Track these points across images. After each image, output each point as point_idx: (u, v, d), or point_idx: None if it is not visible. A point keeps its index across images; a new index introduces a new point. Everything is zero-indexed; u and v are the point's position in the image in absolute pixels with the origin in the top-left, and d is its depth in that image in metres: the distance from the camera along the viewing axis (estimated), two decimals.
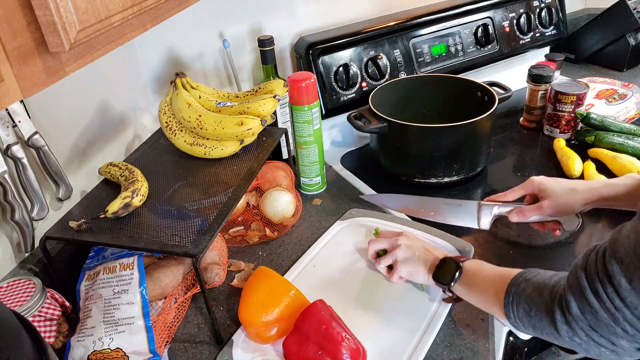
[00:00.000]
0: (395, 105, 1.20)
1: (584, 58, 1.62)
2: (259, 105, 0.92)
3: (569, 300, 0.56)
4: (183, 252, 0.71)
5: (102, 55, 0.44)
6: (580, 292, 0.55)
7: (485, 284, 0.71)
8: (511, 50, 1.41)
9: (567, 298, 0.56)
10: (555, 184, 0.83)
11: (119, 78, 1.01)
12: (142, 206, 0.80)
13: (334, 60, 1.17)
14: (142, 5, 0.47)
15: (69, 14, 0.37)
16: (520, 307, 0.63)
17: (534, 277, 0.64)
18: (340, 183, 1.14)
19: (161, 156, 0.96)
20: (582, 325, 0.55)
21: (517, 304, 0.63)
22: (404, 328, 0.76)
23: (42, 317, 0.69)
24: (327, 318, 0.70)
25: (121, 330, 0.70)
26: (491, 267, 0.73)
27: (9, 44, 0.34)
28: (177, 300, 0.81)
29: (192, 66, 1.11)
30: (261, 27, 1.16)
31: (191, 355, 0.76)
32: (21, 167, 0.75)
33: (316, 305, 0.72)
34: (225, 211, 0.79)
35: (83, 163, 0.92)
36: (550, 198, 0.82)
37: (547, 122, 1.24)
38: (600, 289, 0.53)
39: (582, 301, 0.54)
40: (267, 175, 1.03)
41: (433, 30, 1.29)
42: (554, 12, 1.45)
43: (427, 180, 1.09)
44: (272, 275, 0.79)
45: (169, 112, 0.95)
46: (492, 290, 0.68)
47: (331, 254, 0.92)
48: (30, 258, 0.80)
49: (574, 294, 0.55)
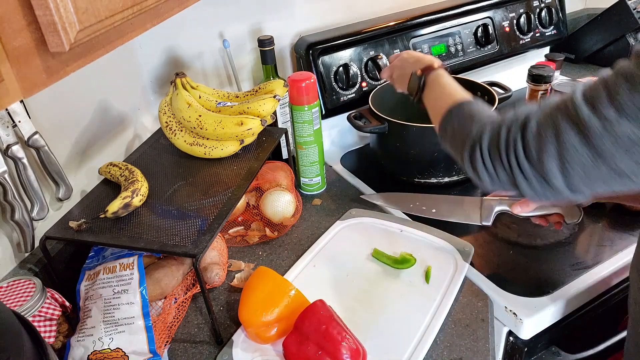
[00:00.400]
0: (395, 105, 1.20)
1: (584, 58, 1.61)
2: (259, 105, 0.92)
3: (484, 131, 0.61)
4: (183, 252, 0.71)
5: (102, 55, 0.44)
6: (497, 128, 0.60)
7: (438, 98, 0.77)
8: (511, 50, 1.41)
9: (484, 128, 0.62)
10: None
11: (119, 78, 1.01)
12: (142, 206, 0.80)
13: (334, 60, 1.17)
14: (142, 5, 0.47)
15: (69, 14, 0.37)
16: (449, 124, 0.70)
17: (476, 106, 0.69)
18: (340, 183, 1.14)
19: (161, 156, 0.96)
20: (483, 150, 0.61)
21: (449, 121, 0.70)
22: (404, 328, 0.75)
23: (42, 317, 0.69)
24: (327, 318, 0.70)
25: (121, 330, 0.70)
26: (447, 82, 0.78)
27: (9, 44, 0.34)
28: (177, 300, 0.81)
29: (192, 66, 1.11)
30: (261, 27, 1.16)
31: (191, 355, 0.76)
32: (21, 167, 0.75)
33: (316, 305, 0.72)
34: (225, 211, 0.79)
35: (83, 163, 0.92)
36: None
37: None
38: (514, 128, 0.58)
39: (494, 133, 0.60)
40: (267, 175, 1.03)
41: (433, 30, 1.29)
42: (554, 12, 1.45)
43: (427, 180, 1.09)
44: (272, 275, 0.79)
45: (169, 112, 0.95)
46: (440, 105, 0.74)
47: (331, 254, 0.92)
48: (30, 258, 0.80)
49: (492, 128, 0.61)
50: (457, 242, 0.90)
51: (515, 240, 0.94)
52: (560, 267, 0.87)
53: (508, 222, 0.96)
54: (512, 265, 0.89)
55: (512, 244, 0.93)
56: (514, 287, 0.82)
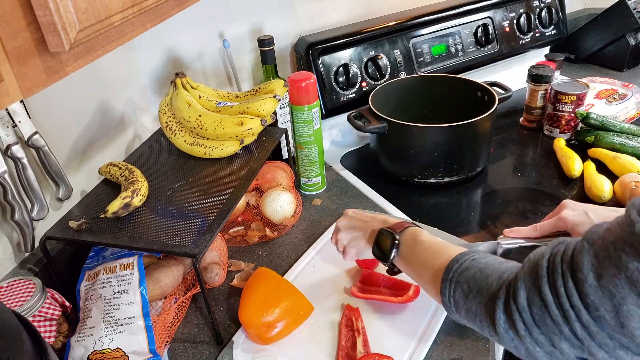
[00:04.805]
0: (395, 105, 1.20)
1: (584, 58, 1.62)
2: (259, 105, 0.92)
3: (518, 287, 0.48)
4: (183, 252, 0.71)
5: (102, 55, 0.44)
6: (534, 280, 0.47)
7: (423, 258, 0.63)
8: (511, 50, 1.41)
9: (516, 285, 0.49)
10: (590, 221, 0.70)
11: (119, 78, 1.01)
12: (142, 206, 0.80)
13: (334, 60, 1.17)
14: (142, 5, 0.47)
15: (69, 14, 0.37)
16: (459, 286, 0.56)
17: (483, 258, 0.57)
18: (340, 183, 1.14)
19: (161, 156, 0.96)
20: (525, 317, 0.48)
21: (456, 283, 0.56)
22: (404, 328, 0.75)
23: (42, 317, 0.69)
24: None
25: (121, 330, 0.70)
26: (431, 239, 0.66)
27: (9, 44, 0.34)
28: (177, 300, 0.81)
29: (192, 66, 1.11)
30: (261, 27, 1.16)
31: (191, 355, 0.76)
32: (21, 167, 0.75)
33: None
34: (225, 211, 0.79)
35: (83, 163, 0.92)
36: None
37: (547, 122, 1.24)
38: (560, 280, 0.45)
39: (533, 290, 0.47)
40: (267, 175, 1.03)
41: (433, 30, 1.29)
42: (554, 12, 1.45)
43: (427, 180, 1.09)
44: (272, 276, 0.79)
45: (169, 112, 0.95)
46: (431, 265, 0.61)
47: (331, 254, 0.92)
48: (30, 258, 0.80)
49: (526, 281, 0.48)
50: (457, 242, 0.90)
51: None
52: None
53: (508, 222, 0.96)
54: None
55: None
56: None
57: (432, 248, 0.64)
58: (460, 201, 1.06)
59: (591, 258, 0.44)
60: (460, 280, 0.56)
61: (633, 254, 0.41)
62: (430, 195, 1.09)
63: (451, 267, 0.58)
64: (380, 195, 1.08)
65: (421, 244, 0.66)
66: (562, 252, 0.48)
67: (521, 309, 0.48)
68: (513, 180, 1.09)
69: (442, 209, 1.04)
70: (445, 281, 0.58)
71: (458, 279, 0.56)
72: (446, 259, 0.59)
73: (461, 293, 0.55)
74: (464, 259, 0.58)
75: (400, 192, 1.09)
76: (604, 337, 0.43)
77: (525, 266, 0.50)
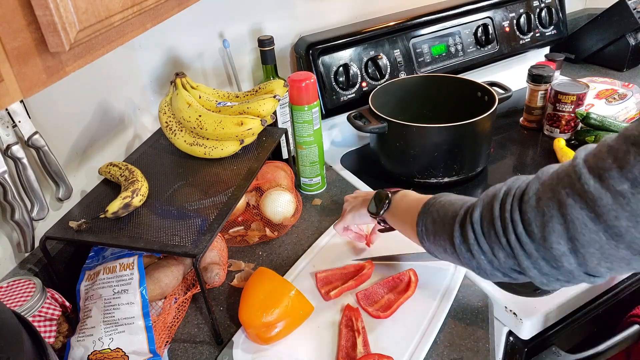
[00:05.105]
0: (395, 105, 1.20)
1: (584, 58, 1.62)
2: (259, 105, 0.92)
3: (475, 206, 0.58)
4: (183, 252, 0.71)
5: (102, 55, 0.44)
6: (490, 200, 0.57)
7: (407, 209, 0.72)
8: (511, 50, 1.41)
9: (475, 204, 0.59)
10: None
11: (119, 78, 1.01)
12: (142, 206, 0.80)
13: (334, 60, 1.17)
14: (142, 5, 0.47)
15: (69, 14, 0.37)
16: (430, 215, 0.65)
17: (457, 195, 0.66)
18: (340, 183, 1.14)
19: (161, 156, 0.96)
20: (476, 228, 0.57)
21: (428, 213, 0.65)
22: (404, 328, 0.75)
23: (42, 317, 0.69)
24: None
25: (121, 330, 0.70)
26: (416, 195, 0.74)
27: (9, 44, 0.34)
28: (177, 300, 0.81)
29: (192, 66, 1.11)
30: (261, 27, 1.16)
31: (191, 355, 0.76)
32: (21, 167, 0.75)
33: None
34: (225, 211, 0.79)
35: (83, 163, 0.92)
36: None
37: (547, 122, 1.24)
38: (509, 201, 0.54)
39: (487, 208, 0.57)
40: (267, 175, 1.03)
41: (433, 30, 1.29)
42: (554, 12, 1.45)
43: (427, 180, 1.09)
44: (272, 276, 0.79)
45: (169, 112, 0.95)
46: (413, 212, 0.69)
47: (331, 254, 0.92)
48: (30, 258, 0.80)
49: (483, 202, 0.58)
50: None
51: None
52: None
53: None
54: None
55: None
56: (514, 287, 0.82)
57: (416, 200, 0.72)
58: None
59: (538, 185, 0.52)
60: (432, 210, 0.65)
61: (567, 181, 0.49)
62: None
63: (428, 202, 0.67)
64: None
65: (407, 197, 0.74)
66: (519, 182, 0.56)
67: (474, 222, 0.57)
68: None
69: None
70: (421, 215, 0.67)
71: (430, 209, 0.66)
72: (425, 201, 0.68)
73: (431, 220, 0.65)
74: (440, 196, 0.67)
75: None
76: (530, 248, 0.52)
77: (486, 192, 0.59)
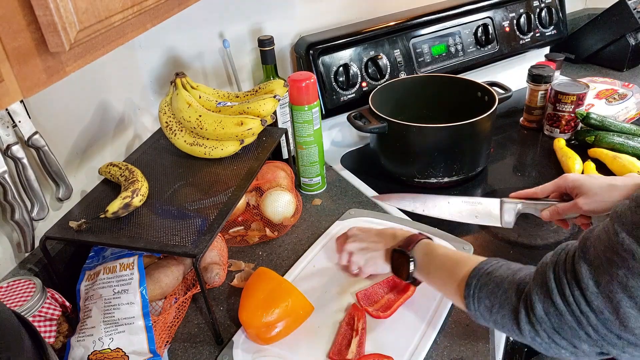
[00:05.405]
0: (395, 105, 1.20)
1: (584, 58, 1.62)
2: (259, 105, 0.92)
3: (534, 301, 0.54)
4: (183, 252, 0.71)
5: (102, 55, 0.44)
6: (546, 293, 0.53)
7: (442, 272, 0.69)
8: (511, 50, 1.41)
9: (532, 298, 0.54)
10: (592, 180, 0.76)
11: (119, 78, 1.01)
12: (142, 206, 0.80)
13: (334, 60, 1.17)
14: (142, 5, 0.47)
15: (69, 14, 0.37)
16: (481, 302, 0.61)
17: (497, 270, 0.62)
18: (340, 183, 1.14)
19: (161, 156, 0.96)
20: (545, 327, 0.53)
21: (479, 299, 0.61)
22: (404, 328, 0.75)
23: (42, 317, 0.69)
24: None
25: (121, 330, 0.70)
26: (442, 252, 0.71)
27: (9, 44, 0.34)
28: (177, 300, 0.81)
29: (192, 66, 1.11)
30: (261, 27, 1.16)
31: (191, 355, 0.76)
32: (21, 167, 0.75)
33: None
34: (225, 211, 0.79)
35: (83, 163, 0.92)
36: (587, 195, 0.75)
37: (547, 122, 1.24)
38: (568, 290, 0.51)
39: (547, 302, 0.53)
40: (267, 175, 1.03)
41: (433, 30, 1.29)
42: (554, 12, 1.45)
43: (427, 180, 1.09)
44: (272, 276, 0.79)
45: (169, 112, 0.95)
46: (452, 281, 0.66)
47: (331, 254, 0.92)
48: (30, 258, 0.80)
49: (539, 294, 0.54)
50: (457, 242, 0.90)
51: (515, 240, 0.94)
52: None
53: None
54: None
55: (512, 243, 0.93)
56: None
57: (445, 264, 0.69)
58: None
59: (588, 267, 0.50)
60: (482, 296, 0.61)
61: (619, 261, 0.47)
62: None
63: (470, 283, 0.63)
64: None
65: (435, 260, 0.71)
66: (563, 261, 0.53)
67: (541, 320, 0.54)
68: (513, 180, 1.09)
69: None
70: (467, 297, 0.63)
71: (479, 295, 0.61)
72: (464, 275, 0.64)
73: (485, 308, 0.60)
74: (480, 273, 0.63)
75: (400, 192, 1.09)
76: (613, 337, 0.49)
77: (536, 278, 0.55)
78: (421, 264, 0.73)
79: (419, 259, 0.73)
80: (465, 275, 0.64)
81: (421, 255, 0.73)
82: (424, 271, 0.72)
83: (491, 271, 0.62)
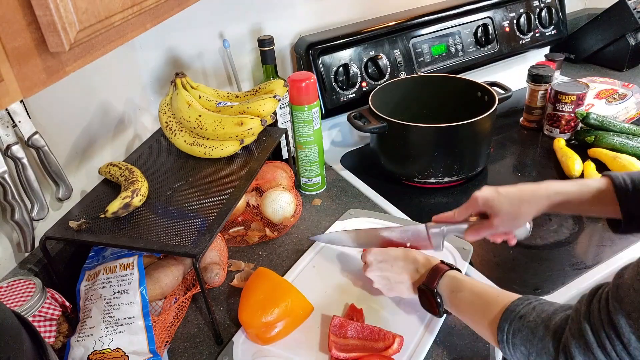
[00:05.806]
0: (395, 105, 1.20)
1: (584, 58, 1.62)
2: (259, 105, 0.92)
3: (574, 354, 0.53)
4: (183, 252, 0.71)
5: (102, 55, 0.44)
6: (586, 346, 0.52)
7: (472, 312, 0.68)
8: (511, 50, 1.41)
9: (572, 351, 0.53)
10: (501, 199, 0.75)
11: (119, 78, 1.01)
12: (142, 206, 0.80)
13: (334, 60, 1.17)
14: (142, 5, 0.47)
15: (69, 14, 0.37)
16: (517, 348, 0.59)
17: (530, 314, 0.60)
18: (340, 183, 1.14)
19: (161, 156, 0.96)
20: None
21: (514, 345, 0.60)
22: (404, 328, 0.75)
23: (42, 317, 0.69)
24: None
25: (121, 330, 0.70)
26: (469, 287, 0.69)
27: (9, 44, 0.34)
28: (177, 300, 0.81)
29: (192, 66, 1.11)
30: (261, 27, 1.16)
31: (191, 355, 0.76)
32: (21, 167, 0.75)
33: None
34: (225, 211, 0.79)
35: (83, 163, 0.92)
36: (499, 215, 0.75)
37: (547, 122, 1.24)
38: (609, 345, 0.50)
39: (589, 356, 0.52)
40: (267, 175, 1.03)
41: (433, 30, 1.29)
42: (554, 12, 1.45)
43: (427, 180, 1.09)
44: (272, 276, 0.79)
45: (169, 112, 0.95)
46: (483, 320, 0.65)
47: (331, 255, 0.92)
48: (30, 258, 0.80)
49: (579, 347, 0.52)
50: (457, 242, 0.90)
51: None
52: (560, 267, 0.87)
53: None
54: (512, 265, 0.89)
55: None
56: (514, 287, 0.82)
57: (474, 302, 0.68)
58: (460, 201, 1.04)
59: (626, 319, 0.49)
60: (516, 342, 0.59)
61: None
62: (430, 195, 1.09)
63: (502, 327, 0.61)
64: (380, 195, 1.08)
65: (463, 299, 0.69)
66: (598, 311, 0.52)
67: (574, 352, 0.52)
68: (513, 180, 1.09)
69: (442, 209, 1.02)
70: (502, 342, 0.61)
71: (513, 340, 0.60)
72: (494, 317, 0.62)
73: (521, 354, 0.59)
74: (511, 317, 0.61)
75: (400, 192, 1.09)
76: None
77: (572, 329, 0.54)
78: (449, 301, 0.71)
79: (446, 296, 0.71)
80: (496, 317, 0.62)
81: (448, 292, 0.71)
82: (453, 309, 0.71)
83: (524, 315, 0.60)
